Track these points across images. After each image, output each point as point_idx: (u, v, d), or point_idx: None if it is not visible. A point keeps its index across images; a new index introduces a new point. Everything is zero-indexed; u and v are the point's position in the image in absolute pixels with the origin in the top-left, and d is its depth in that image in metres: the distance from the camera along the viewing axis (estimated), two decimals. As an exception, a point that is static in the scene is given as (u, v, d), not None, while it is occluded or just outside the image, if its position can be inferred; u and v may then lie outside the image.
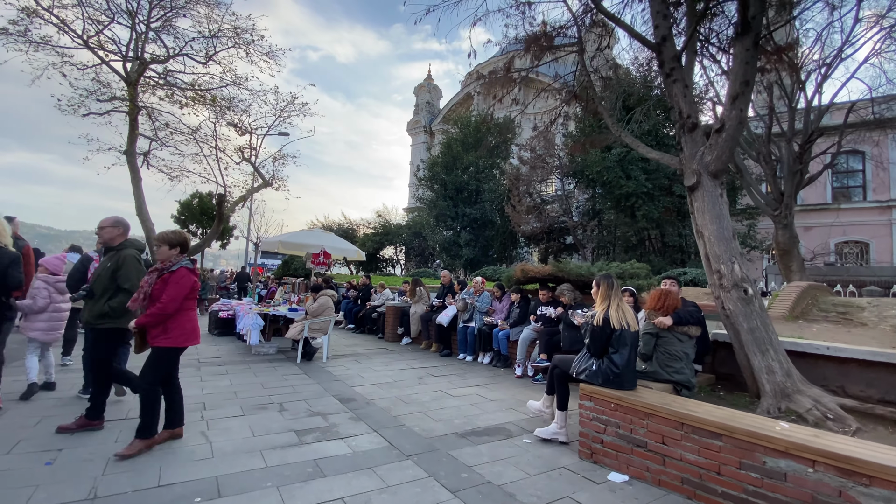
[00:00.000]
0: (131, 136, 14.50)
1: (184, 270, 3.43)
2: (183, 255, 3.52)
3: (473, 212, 21.59)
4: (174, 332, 3.40)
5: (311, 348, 6.88)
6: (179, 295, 3.34)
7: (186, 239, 3.60)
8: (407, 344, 8.71)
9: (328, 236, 8.05)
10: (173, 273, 3.36)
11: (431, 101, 41.72)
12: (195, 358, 6.73)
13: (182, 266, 3.43)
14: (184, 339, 3.50)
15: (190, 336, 3.55)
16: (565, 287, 5.90)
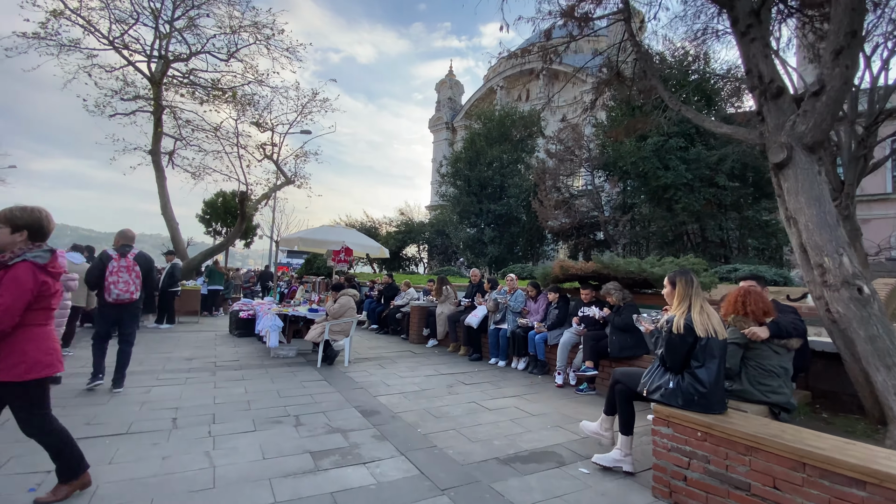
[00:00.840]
0: (156, 135, 14.49)
1: (27, 266, 2.30)
2: (36, 243, 2.44)
3: (498, 208, 20.90)
4: (12, 360, 2.29)
5: (332, 351, 6.42)
6: (17, 302, 2.24)
7: (40, 220, 2.45)
8: (433, 346, 8.18)
9: (350, 232, 7.59)
10: (9, 269, 2.28)
11: (453, 97, 41.12)
12: (212, 361, 6.37)
13: (26, 259, 2.32)
14: (27, 369, 2.32)
15: (38, 366, 2.36)
16: (612, 286, 5.23)
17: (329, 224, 7.83)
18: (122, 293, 4.70)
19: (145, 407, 4.12)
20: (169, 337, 8.62)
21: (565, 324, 5.94)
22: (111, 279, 4.66)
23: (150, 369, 5.72)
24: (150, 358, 6.44)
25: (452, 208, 22.59)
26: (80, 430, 3.44)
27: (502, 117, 23.34)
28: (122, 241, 4.94)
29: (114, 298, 4.66)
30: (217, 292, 13.79)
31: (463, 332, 7.29)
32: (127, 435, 3.40)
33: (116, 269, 4.72)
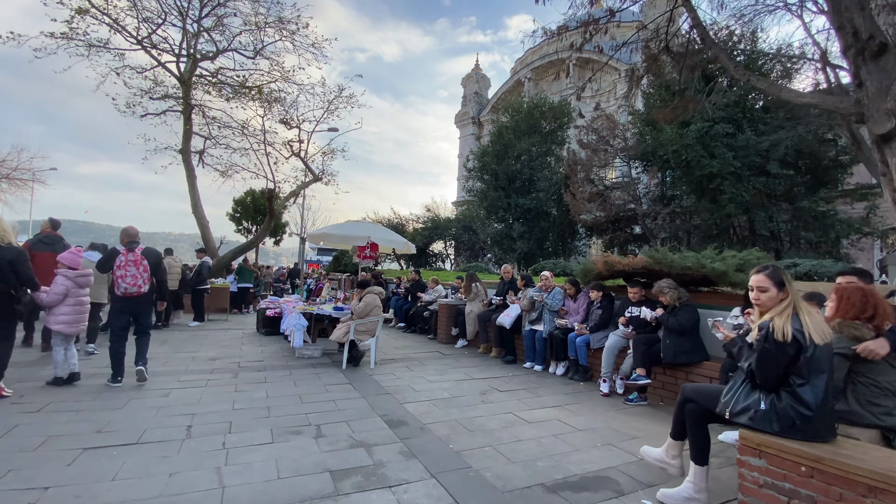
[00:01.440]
0: (185, 134, 14.66)
1: None
2: None
3: (527, 202, 20.25)
4: None
5: (357, 352, 6.11)
6: None
7: None
8: (463, 347, 7.77)
9: (375, 227, 7.27)
10: None
11: (479, 91, 40.46)
12: (236, 362, 6.18)
13: None
14: None
15: None
16: (666, 283, 4.67)
17: (355, 220, 7.53)
18: (130, 286, 4.77)
19: (161, 412, 3.89)
20: (197, 335, 8.57)
21: (609, 325, 5.40)
22: (119, 273, 4.77)
23: (174, 370, 5.57)
24: (175, 357, 6.32)
25: (480, 203, 22.08)
26: (90, 438, 3.22)
27: (531, 108, 22.60)
28: (127, 239, 5.03)
29: (122, 292, 4.76)
30: (247, 290, 13.85)
31: (494, 332, 6.85)
32: (137, 445, 3.15)
33: (124, 263, 4.79)
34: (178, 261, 9.46)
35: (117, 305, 4.88)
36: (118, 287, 4.76)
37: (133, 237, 5.07)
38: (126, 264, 4.75)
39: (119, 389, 4.54)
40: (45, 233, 6.42)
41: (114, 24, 12.46)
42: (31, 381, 4.68)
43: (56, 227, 6.54)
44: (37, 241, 6.18)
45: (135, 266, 4.79)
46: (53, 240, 6.30)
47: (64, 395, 4.22)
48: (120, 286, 4.74)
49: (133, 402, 4.13)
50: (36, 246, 6.13)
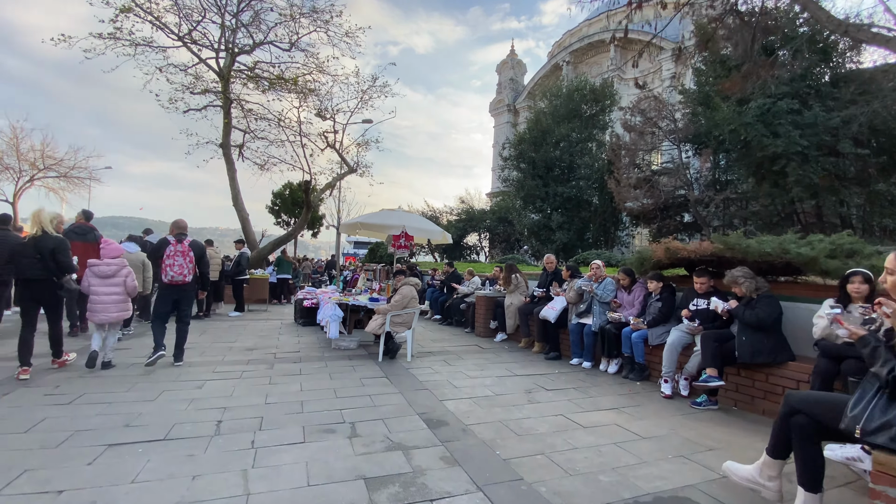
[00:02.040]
0: (226, 128, 14.92)
1: None
2: None
3: (567, 190, 19.43)
4: None
5: (393, 344, 5.85)
6: None
7: None
8: (502, 341, 7.37)
9: (410, 216, 6.97)
10: None
11: (515, 77, 39.40)
12: (272, 353, 6.06)
13: None
14: None
15: None
16: (741, 272, 4.07)
17: (390, 209, 7.26)
18: (177, 275, 5.07)
19: (193, 405, 3.74)
20: (236, 325, 8.61)
21: (671, 320, 4.85)
22: (167, 262, 5.06)
23: (210, 360, 5.50)
24: (213, 348, 6.29)
25: (516, 193, 21.43)
26: (117, 433, 3.08)
27: (570, 92, 21.63)
28: (176, 230, 5.35)
29: (169, 279, 5.06)
30: (286, 281, 14.02)
31: (537, 326, 6.40)
32: (164, 442, 2.98)
33: (173, 252, 5.10)
34: (218, 252, 9.57)
35: (163, 291, 5.19)
36: (165, 274, 5.04)
37: (182, 229, 5.38)
38: (174, 254, 5.04)
39: (153, 380, 4.47)
40: (78, 224, 6.61)
41: (156, 21, 12.74)
42: (67, 371, 4.69)
43: (89, 219, 6.71)
44: (69, 232, 6.29)
45: (182, 256, 5.08)
46: (85, 230, 6.48)
47: (97, 386, 4.17)
48: (167, 274, 5.03)
49: (166, 395, 4.01)
50: (68, 236, 6.14)
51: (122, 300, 4.86)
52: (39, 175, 25.20)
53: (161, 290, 5.21)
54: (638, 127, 16.71)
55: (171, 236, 5.24)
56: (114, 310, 4.77)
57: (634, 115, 16.50)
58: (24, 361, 4.29)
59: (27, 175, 24.70)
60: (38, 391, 3.94)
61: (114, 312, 4.76)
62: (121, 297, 4.84)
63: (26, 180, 24.77)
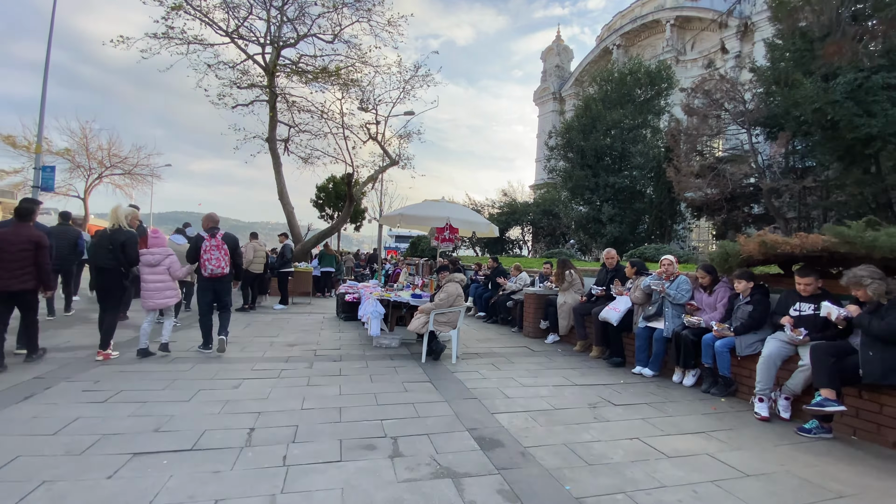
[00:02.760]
0: (272, 123, 15.12)
1: None
2: None
3: (619, 181, 18.29)
4: None
5: (437, 345, 5.44)
6: None
7: None
8: (554, 343, 6.79)
9: (454, 207, 6.51)
10: None
11: (561, 64, 37.87)
12: (312, 349, 5.83)
13: None
14: None
15: None
16: (866, 271, 3.30)
17: (433, 199, 6.85)
18: (215, 268, 5.23)
19: (227, 408, 3.49)
20: (280, 319, 8.55)
21: (763, 326, 4.11)
22: (205, 256, 5.22)
23: (250, 356, 5.32)
24: (255, 343, 6.15)
25: (563, 184, 20.47)
26: (145, 439, 2.85)
27: (623, 76, 20.31)
28: (210, 224, 5.45)
29: (209, 273, 5.23)
30: (329, 274, 14.02)
31: (596, 328, 5.77)
32: (191, 452, 2.71)
33: (209, 247, 5.24)
34: (262, 245, 9.56)
35: (203, 284, 5.41)
36: (205, 269, 5.21)
37: (215, 223, 5.48)
38: (210, 249, 5.19)
39: (192, 377, 4.30)
40: None
41: (205, 18, 12.98)
42: (111, 365, 4.63)
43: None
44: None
45: (217, 250, 5.23)
46: None
47: (136, 382, 4.03)
48: (207, 268, 5.20)
49: (201, 394, 3.81)
50: None
51: (168, 286, 5.07)
52: (107, 172, 26.95)
53: (201, 283, 5.45)
54: (701, 110, 15.33)
55: (205, 231, 5.38)
56: (160, 296, 5.00)
57: (697, 96, 15.13)
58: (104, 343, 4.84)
59: (96, 173, 26.47)
60: (77, 386, 3.84)
61: (162, 299, 5.02)
62: (167, 284, 5.06)
63: (95, 177, 26.55)
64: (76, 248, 7.33)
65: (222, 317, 5.46)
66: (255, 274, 9.28)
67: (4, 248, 4.18)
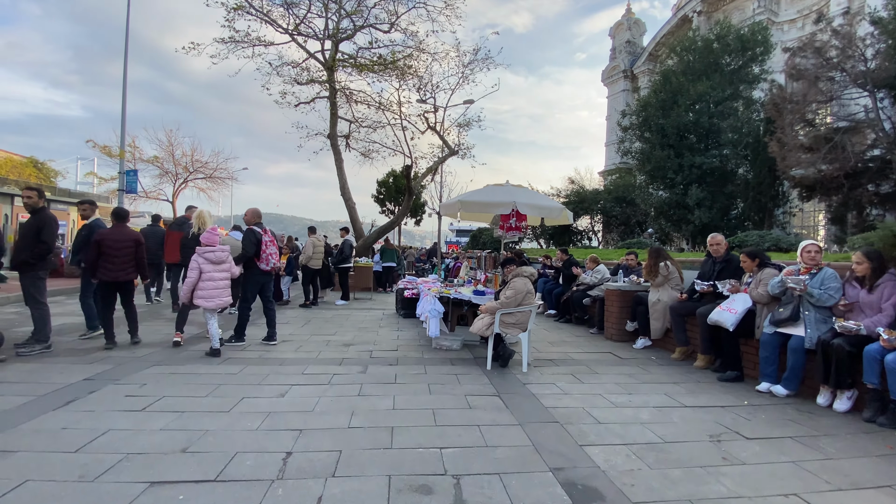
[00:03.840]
0: (332, 119, 15.15)
1: None
2: None
3: (707, 160, 16.22)
4: None
5: (505, 350, 4.72)
6: None
7: None
8: (645, 348, 5.78)
9: (521, 191, 5.70)
10: None
11: (632, 38, 34.97)
12: (368, 350, 5.38)
13: None
14: None
15: None
16: None
17: (496, 183, 6.08)
18: (276, 262, 5.33)
19: (267, 423, 3.06)
20: (340, 315, 8.31)
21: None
22: (268, 251, 5.23)
23: (304, 357, 4.97)
24: (311, 342, 5.83)
25: (640, 167, 18.65)
26: (169, 463, 2.45)
27: (709, 43, 18.02)
28: (256, 219, 5.41)
29: (270, 267, 5.28)
30: (391, 269, 13.79)
31: (703, 333, 4.72)
32: (213, 485, 2.25)
33: (268, 241, 5.26)
34: (321, 239, 9.40)
35: (258, 278, 5.38)
36: (267, 263, 5.21)
37: (260, 217, 5.45)
38: (268, 243, 5.17)
39: (239, 381, 3.98)
40: (181, 216, 7.69)
41: (265, 17, 13.18)
42: (165, 366, 4.46)
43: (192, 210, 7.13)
44: (172, 223, 7.71)
45: (273, 245, 5.25)
46: (182, 222, 7.24)
47: (180, 387, 3.76)
48: (269, 262, 5.19)
49: (244, 403, 3.42)
50: (171, 227, 7.61)
51: (228, 284, 5.03)
52: (191, 177, 29.19)
53: (256, 277, 5.37)
54: (810, 72, 12.98)
55: (256, 226, 5.31)
56: (223, 294, 4.93)
57: (806, 56, 12.81)
58: (179, 327, 5.31)
59: (181, 177, 28.76)
60: (122, 390, 3.63)
61: (224, 297, 4.94)
62: (227, 282, 5.02)
63: (181, 182, 28.87)
64: (163, 245, 7.98)
65: (268, 311, 5.60)
66: (314, 269, 9.14)
67: (112, 246, 4.89)
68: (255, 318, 6.25)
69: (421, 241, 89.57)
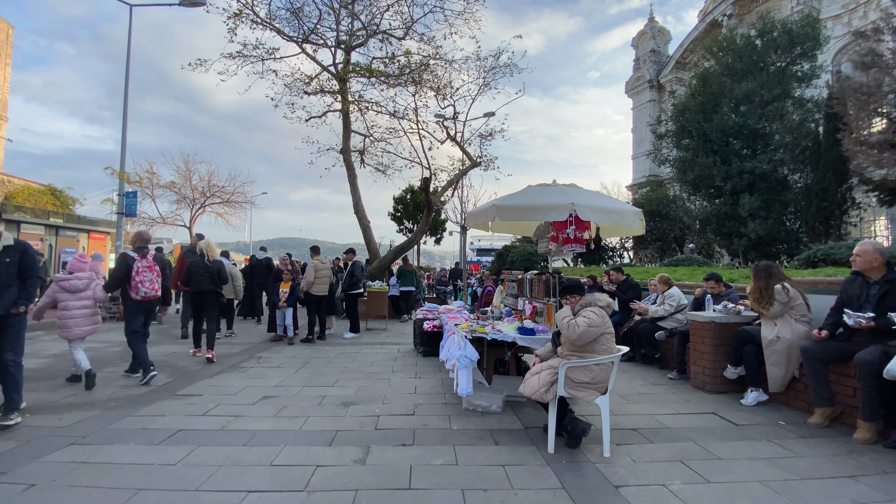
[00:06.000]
0: (345, 132, 14.15)
1: None
2: None
3: (759, 165, 14.44)
4: None
5: (575, 424, 3.17)
6: None
7: None
8: (761, 404, 4.13)
9: (580, 192, 4.22)
10: None
11: (657, 47, 33.65)
12: (374, 415, 3.88)
13: None
14: None
15: None
16: None
17: (540, 183, 4.64)
18: (149, 290, 4.89)
19: None
20: (346, 353, 6.88)
21: None
22: (138, 279, 4.82)
23: (284, 429, 3.52)
24: (300, 398, 4.40)
25: (680, 177, 16.90)
26: None
27: (750, 41, 16.47)
28: (139, 243, 5.12)
29: (141, 296, 4.85)
30: (409, 294, 12.34)
31: (867, 389, 3.10)
32: None
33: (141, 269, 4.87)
34: (325, 261, 8.06)
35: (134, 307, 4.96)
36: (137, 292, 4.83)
37: (145, 242, 5.15)
38: (143, 270, 4.84)
39: (165, 481, 2.54)
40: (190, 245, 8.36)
41: (269, 24, 12.35)
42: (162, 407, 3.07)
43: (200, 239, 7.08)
44: (185, 250, 7.96)
45: (150, 271, 4.90)
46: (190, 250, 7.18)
47: (119, 452, 2.35)
48: (140, 291, 4.82)
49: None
50: (185, 254, 7.47)
51: (94, 312, 4.69)
52: (208, 202, 28.76)
53: (131, 306, 4.94)
54: (884, 61, 11.27)
55: (133, 250, 4.98)
56: (87, 322, 4.59)
57: (883, 38, 11.13)
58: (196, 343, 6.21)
59: (199, 203, 28.33)
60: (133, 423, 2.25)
61: (86, 326, 4.58)
62: (93, 310, 4.67)
63: (198, 207, 28.43)
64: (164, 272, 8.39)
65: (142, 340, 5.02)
66: (318, 296, 7.78)
67: None
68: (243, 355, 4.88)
69: (441, 261, 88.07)
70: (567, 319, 3.11)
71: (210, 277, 6.06)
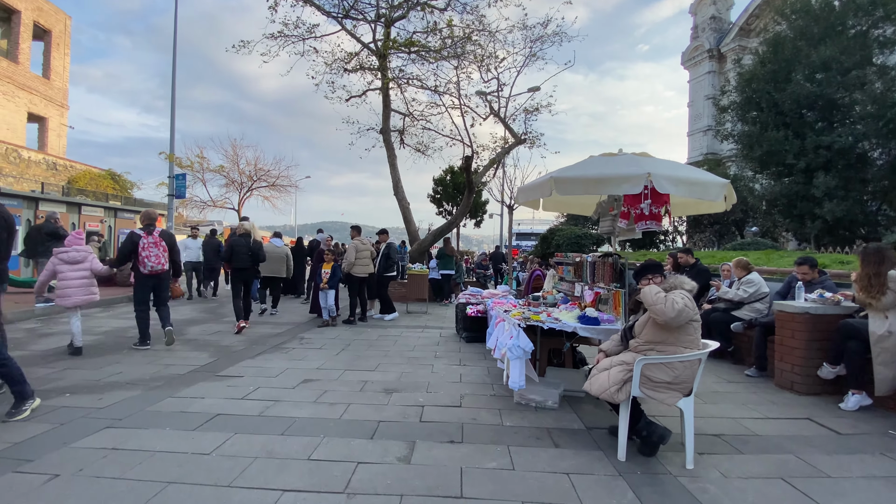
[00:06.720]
0: (385, 111, 13.87)
1: None
2: None
3: (839, 139, 12.89)
4: None
5: (652, 429, 2.73)
6: None
7: None
8: (860, 408, 3.51)
9: (656, 162, 3.65)
10: None
11: (718, 13, 30.91)
12: (418, 405, 3.61)
13: None
14: None
15: None
16: None
17: (603, 153, 4.10)
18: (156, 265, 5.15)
19: None
20: (387, 336, 6.69)
21: None
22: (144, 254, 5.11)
23: (322, 417, 3.30)
24: (341, 382, 4.20)
25: (746, 153, 15.42)
26: None
27: (828, 1, 14.59)
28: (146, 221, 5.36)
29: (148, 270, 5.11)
30: (449, 277, 12.04)
31: None
32: None
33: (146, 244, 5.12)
34: (366, 242, 7.85)
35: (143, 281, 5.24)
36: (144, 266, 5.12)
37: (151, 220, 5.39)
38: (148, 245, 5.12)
39: (192, 482, 2.36)
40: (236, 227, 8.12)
41: (311, 1, 12.11)
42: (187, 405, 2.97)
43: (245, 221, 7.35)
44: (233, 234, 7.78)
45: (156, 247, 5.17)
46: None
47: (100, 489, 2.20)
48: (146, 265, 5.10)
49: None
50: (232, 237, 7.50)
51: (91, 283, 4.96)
52: (255, 185, 29.58)
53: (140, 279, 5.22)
54: None
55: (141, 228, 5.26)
56: (84, 292, 4.89)
57: None
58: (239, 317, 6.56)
59: (246, 186, 29.20)
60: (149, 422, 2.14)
61: (83, 295, 4.87)
62: (90, 281, 4.95)
63: (246, 191, 29.31)
64: (218, 252, 9.88)
65: (161, 311, 5.42)
66: (360, 278, 7.60)
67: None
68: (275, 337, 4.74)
69: (478, 245, 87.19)
70: (660, 294, 2.65)
71: (251, 256, 6.65)
